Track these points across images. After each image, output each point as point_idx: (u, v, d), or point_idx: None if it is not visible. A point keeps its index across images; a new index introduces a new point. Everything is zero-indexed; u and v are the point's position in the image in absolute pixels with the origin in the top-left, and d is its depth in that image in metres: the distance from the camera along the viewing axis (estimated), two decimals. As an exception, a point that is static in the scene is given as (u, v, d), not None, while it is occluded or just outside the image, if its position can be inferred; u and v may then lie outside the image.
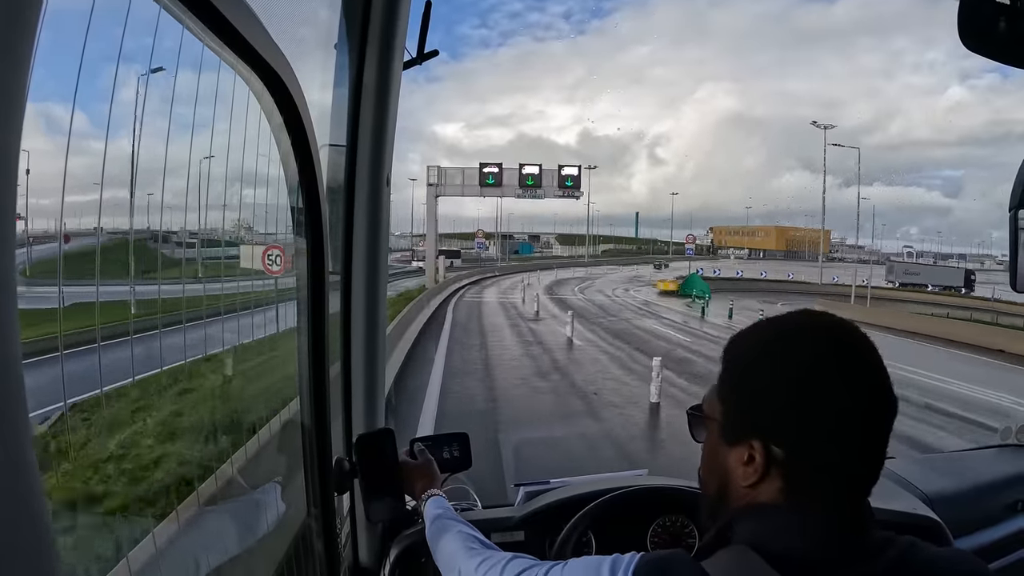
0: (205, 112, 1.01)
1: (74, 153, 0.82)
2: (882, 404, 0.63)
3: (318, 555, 1.25)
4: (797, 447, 0.63)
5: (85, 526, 1.27)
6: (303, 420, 1.20)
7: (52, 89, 0.80)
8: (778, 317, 0.70)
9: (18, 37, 0.31)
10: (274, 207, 1.38)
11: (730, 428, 0.69)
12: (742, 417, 0.67)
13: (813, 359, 0.64)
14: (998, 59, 0.82)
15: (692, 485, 1.52)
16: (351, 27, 1.26)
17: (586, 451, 6.81)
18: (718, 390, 0.72)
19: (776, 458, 0.64)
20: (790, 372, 0.64)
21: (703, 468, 0.75)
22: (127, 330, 1.29)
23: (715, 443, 0.71)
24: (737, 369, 0.69)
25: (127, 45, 0.78)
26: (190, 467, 1.79)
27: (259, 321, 1.98)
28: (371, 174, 1.33)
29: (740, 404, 0.68)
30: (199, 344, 1.76)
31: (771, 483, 0.65)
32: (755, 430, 0.65)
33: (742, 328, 0.73)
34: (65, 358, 1.04)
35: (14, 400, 0.34)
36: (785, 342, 0.67)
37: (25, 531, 0.34)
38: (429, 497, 1.26)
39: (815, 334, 0.66)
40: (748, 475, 0.66)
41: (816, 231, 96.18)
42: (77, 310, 1.23)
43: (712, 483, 0.72)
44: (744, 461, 0.66)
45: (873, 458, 0.64)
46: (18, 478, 0.34)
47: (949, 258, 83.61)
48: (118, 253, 1.44)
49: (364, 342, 1.39)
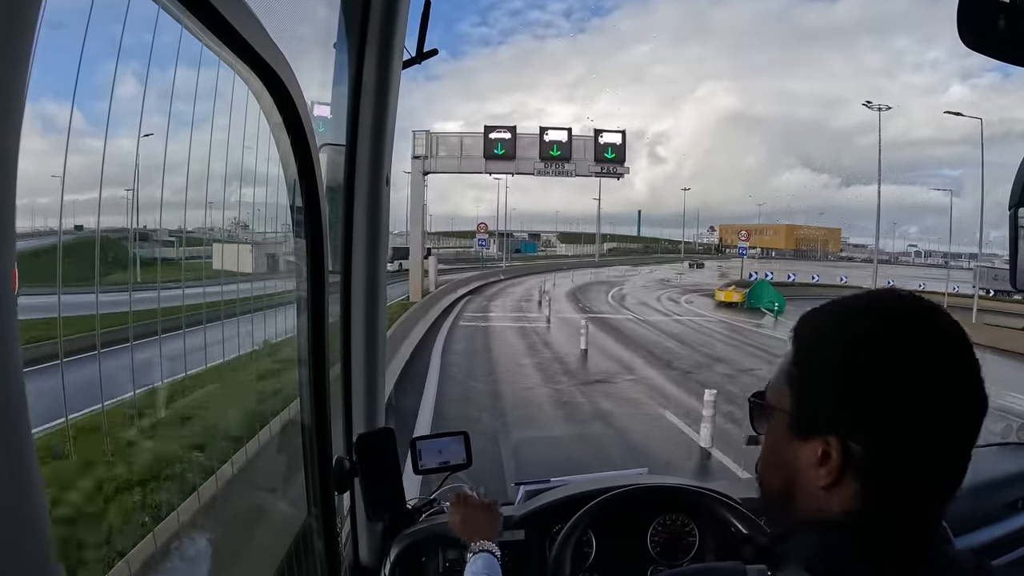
0: (204, 111, 1.01)
1: (71, 152, 0.82)
2: (979, 403, 0.55)
3: (319, 554, 1.25)
4: (882, 447, 0.55)
5: (84, 525, 1.27)
6: (303, 419, 1.20)
7: (50, 89, 0.80)
8: (862, 295, 0.62)
9: (17, 35, 0.31)
10: (273, 206, 1.38)
11: (801, 420, 0.60)
12: (817, 408, 0.58)
13: (910, 345, 0.55)
14: (997, 57, 0.82)
15: (692, 484, 1.53)
16: (350, 26, 1.26)
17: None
18: (787, 375, 0.62)
19: (855, 458, 0.55)
20: (880, 358, 0.55)
21: (763, 463, 0.66)
22: (127, 333, 1.29)
23: (781, 436, 0.62)
24: (813, 351, 0.60)
25: (126, 44, 0.77)
26: (191, 467, 1.79)
27: (259, 321, 1.98)
28: (371, 173, 1.33)
29: (815, 392, 0.59)
30: (198, 345, 1.76)
31: (846, 487, 0.56)
32: (832, 424, 0.57)
33: (818, 305, 0.63)
34: (65, 363, 1.04)
35: (15, 405, 0.34)
36: (876, 323, 0.58)
37: (26, 522, 0.34)
38: (481, 551, 1.20)
39: (914, 317, 0.57)
40: (822, 476, 0.57)
41: (825, 229, 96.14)
42: (73, 312, 1.23)
43: (775, 481, 0.63)
44: (817, 459, 0.57)
45: (962, 464, 0.56)
46: (18, 472, 0.34)
47: (959, 257, 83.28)
48: (116, 252, 1.44)
49: (364, 341, 1.40)
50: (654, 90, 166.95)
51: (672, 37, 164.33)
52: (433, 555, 1.46)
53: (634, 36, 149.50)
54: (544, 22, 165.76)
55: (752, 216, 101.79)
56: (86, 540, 1.28)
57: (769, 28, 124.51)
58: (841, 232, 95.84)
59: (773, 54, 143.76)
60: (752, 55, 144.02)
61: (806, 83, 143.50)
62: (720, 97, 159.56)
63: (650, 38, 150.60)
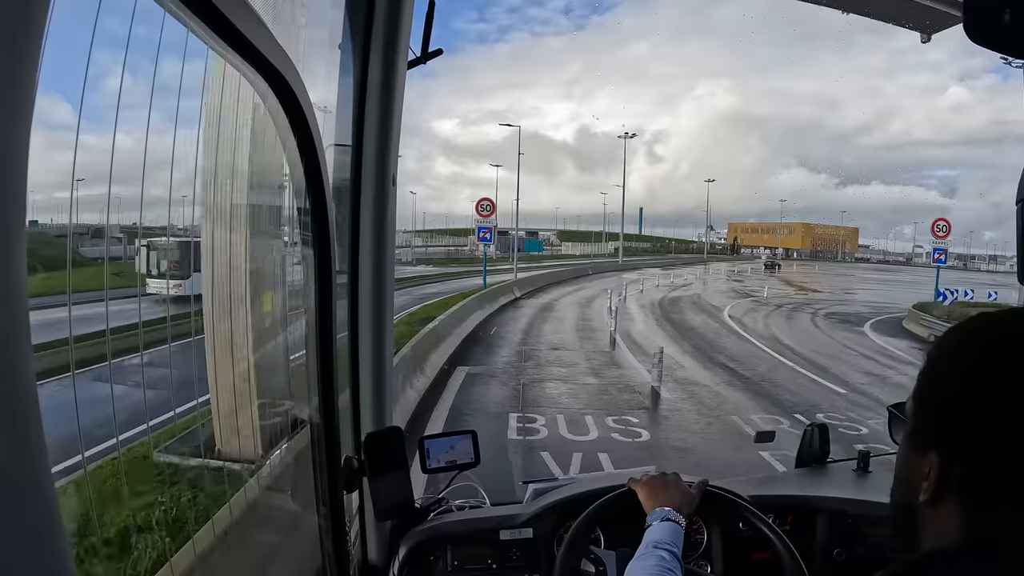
0: (211, 114, 1.02)
1: (69, 151, 0.83)
2: None
3: (327, 552, 1.26)
4: (980, 468, 0.53)
5: (96, 526, 1.29)
6: (312, 419, 1.21)
7: (57, 90, 0.81)
8: (1001, 313, 0.60)
9: (25, 34, 0.31)
10: (280, 207, 1.39)
11: (916, 433, 0.60)
12: (927, 422, 0.59)
13: (1018, 367, 0.53)
14: (1003, 51, 0.82)
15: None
16: (355, 28, 1.27)
17: None
18: (914, 388, 0.62)
19: (954, 477, 0.54)
20: (985, 378, 0.54)
21: (894, 475, 0.65)
22: (137, 332, 1.30)
23: (904, 448, 0.62)
24: (934, 366, 0.60)
25: (132, 48, 0.78)
26: (201, 466, 1.81)
27: (267, 321, 1.99)
28: (377, 173, 1.33)
29: (928, 407, 0.59)
30: (208, 343, 1.78)
31: (949, 509, 0.55)
32: (936, 441, 0.56)
33: None
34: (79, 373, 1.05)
35: (26, 404, 0.34)
36: (989, 341, 0.57)
37: (38, 520, 0.35)
38: (664, 519, 1.13)
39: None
40: (924, 492, 0.57)
41: (844, 229, 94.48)
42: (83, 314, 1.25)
43: (897, 493, 0.63)
44: (924, 474, 0.56)
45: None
46: (30, 474, 0.34)
47: (972, 259, 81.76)
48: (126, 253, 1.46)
49: (371, 340, 1.40)
50: (653, 88, 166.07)
51: (672, 35, 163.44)
52: (441, 554, 1.46)
53: (634, 33, 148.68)
54: (543, 19, 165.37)
55: (750, 215, 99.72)
56: (100, 536, 1.30)
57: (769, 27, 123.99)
58: (859, 232, 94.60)
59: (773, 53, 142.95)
60: (751, 54, 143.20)
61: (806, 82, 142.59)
62: (719, 96, 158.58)
63: (650, 36, 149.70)
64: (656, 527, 1.12)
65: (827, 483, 1.70)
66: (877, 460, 1.73)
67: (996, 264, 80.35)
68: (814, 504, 1.55)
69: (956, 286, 22.39)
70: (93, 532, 1.35)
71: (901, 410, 0.66)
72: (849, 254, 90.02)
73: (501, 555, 1.48)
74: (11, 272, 0.32)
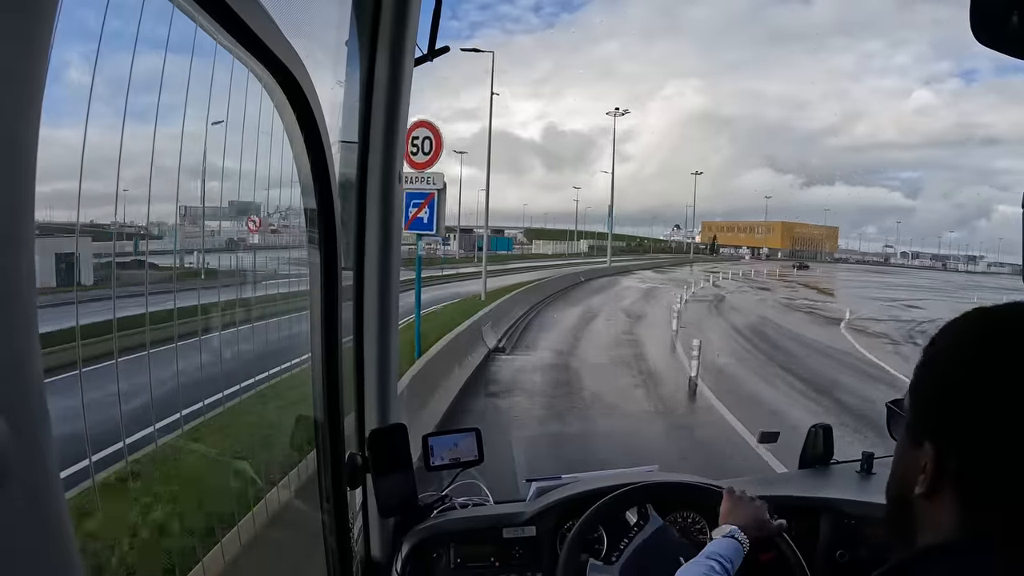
0: (218, 109, 1.02)
1: (76, 148, 0.84)
2: None
3: (331, 549, 1.26)
4: (975, 459, 0.53)
5: (106, 520, 1.30)
6: (316, 415, 1.21)
7: (64, 85, 0.81)
8: (996, 307, 0.60)
9: (35, 30, 0.31)
10: (286, 204, 1.39)
11: (913, 426, 0.60)
12: (923, 414, 0.59)
13: (1015, 354, 0.53)
14: (1010, 53, 0.81)
15: (703, 480, 1.51)
16: (362, 24, 1.26)
17: None
18: (911, 381, 0.62)
19: (949, 470, 0.54)
20: (979, 366, 0.54)
21: (891, 469, 0.65)
22: (144, 334, 1.31)
23: (901, 441, 0.62)
24: (927, 359, 0.60)
25: (141, 43, 0.78)
26: (205, 463, 1.81)
27: (274, 320, 2.00)
28: (383, 171, 1.33)
29: (924, 399, 0.59)
30: (214, 343, 1.78)
31: (945, 501, 0.55)
32: (932, 433, 0.56)
33: None
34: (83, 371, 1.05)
35: (34, 407, 0.34)
36: (986, 330, 0.57)
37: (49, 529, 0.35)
38: (726, 536, 1.19)
39: None
40: (920, 484, 0.57)
41: (824, 228, 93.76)
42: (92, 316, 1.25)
43: (893, 487, 0.63)
44: (920, 467, 0.56)
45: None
46: (42, 478, 0.34)
47: (947, 259, 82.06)
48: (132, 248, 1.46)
49: (377, 338, 1.40)
50: (622, 87, 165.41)
51: (641, 34, 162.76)
52: (444, 551, 1.46)
53: (604, 32, 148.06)
54: (514, 17, 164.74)
55: (717, 214, 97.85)
56: (107, 533, 1.30)
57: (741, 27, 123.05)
58: (839, 231, 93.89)
59: (743, 54, 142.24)
60: (721, 54, 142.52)
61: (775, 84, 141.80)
62: (688, 96, 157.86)
63: (620, 35, 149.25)
64: (718, 540, 1.19)
65: (830, 484, 1.70)
66: (881, 462, 1.72)
67: (974, 264, 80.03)
68: (817, 505, 1.54)
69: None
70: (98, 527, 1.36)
71: (900, 407, 0.66)
72: (828, 254, 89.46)
73: (504, 553, 1.48)
74: (19, 265, 0.32)
